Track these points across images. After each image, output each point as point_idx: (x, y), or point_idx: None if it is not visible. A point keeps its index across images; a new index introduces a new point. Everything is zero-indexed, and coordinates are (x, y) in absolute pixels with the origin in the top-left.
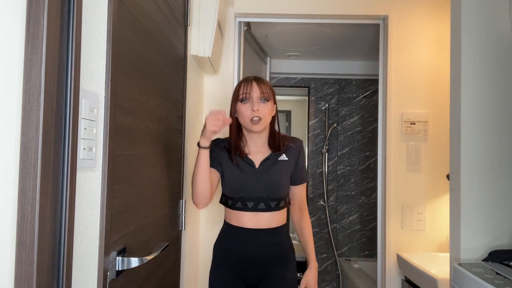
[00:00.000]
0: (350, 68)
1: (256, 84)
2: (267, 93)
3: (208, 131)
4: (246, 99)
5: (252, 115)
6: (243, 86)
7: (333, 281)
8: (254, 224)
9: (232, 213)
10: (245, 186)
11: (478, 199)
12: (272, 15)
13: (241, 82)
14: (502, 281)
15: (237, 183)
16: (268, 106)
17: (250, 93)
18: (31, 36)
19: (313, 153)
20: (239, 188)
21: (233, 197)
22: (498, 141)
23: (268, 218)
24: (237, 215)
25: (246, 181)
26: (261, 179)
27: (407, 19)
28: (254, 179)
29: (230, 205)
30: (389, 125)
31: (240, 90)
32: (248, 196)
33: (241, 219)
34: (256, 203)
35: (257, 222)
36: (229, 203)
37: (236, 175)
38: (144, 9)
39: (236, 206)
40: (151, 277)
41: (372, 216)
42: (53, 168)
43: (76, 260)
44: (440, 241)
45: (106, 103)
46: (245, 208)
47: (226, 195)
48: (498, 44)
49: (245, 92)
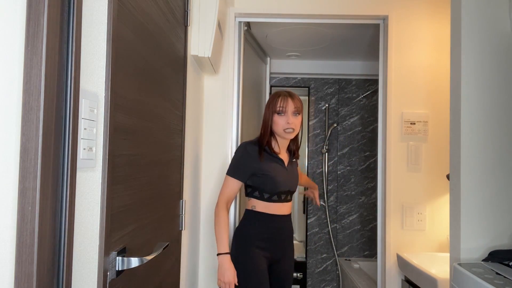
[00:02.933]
0: (350, 68)
1: (291, 99)
2: (299, 108)
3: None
4: (282, 112)
5: (287, 126)
6: (280, 100)
7: (333, 281)
8: (280, 211)
9: (264, 204)
10: (285, 181)
11: (478, 199)
12: (272, 15)
13: (278, 96)
14: (502, 281)
15: (281, 179)
16: (299, 119)
17: (286, 107)
18: (31, 36)
19: (313, 153)
20: (281, 184)
21: (273, 192)
22: (498, 141)
23: (288, 206)
24: (269, 205)
25: (286, 177)
26: (290, 176)
27: (407, 19)
28: (287, 176)
29: (266, 198)
30: (389, 125)
31: (277, 104)
32: (284, 190)
33: (271, 208)
34: (286, 195)
35: (281, 209)
36: (265, 197)
37: (280, 173)
38: (144, 9)
39: (272, 199)
40: (151, 277)
41: (372, 216)
42: (53, 168)
43: (76, 260)
44: (440, 241)
45: (106, 103)
46: (279, 199)
47: (263, 190)
48: (498, 44)
49: (282, 106)
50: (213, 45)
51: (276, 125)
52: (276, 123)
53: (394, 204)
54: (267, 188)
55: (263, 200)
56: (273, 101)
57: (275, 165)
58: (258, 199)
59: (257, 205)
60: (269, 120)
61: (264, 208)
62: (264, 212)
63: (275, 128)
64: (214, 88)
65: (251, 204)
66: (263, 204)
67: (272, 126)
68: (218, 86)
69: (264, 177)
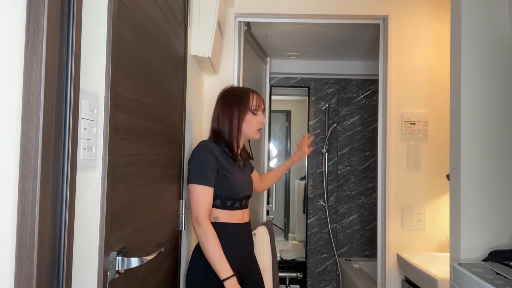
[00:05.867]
0: (350, 68)
1: (261, 97)
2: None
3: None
4: (256, 110)
5: (260, 126)
6: (255, 98)
7: (333, 281)
8: (243, 219)
9: (228, 213)
10: (246, 186)
11: (478, 199)
12: (272, 15)
13: (251, 93)
14: (502, 281)
15: (242, 184)
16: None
17: (260, 106)
18: (31, 36)
19: (313, 153)
20: (243, 189)
21: (235, 198)
22: (498, 141)
23: (248, 212)
24: (232, 214)
25: (243, 180)
26: (247, 178)
27: (407, 19)
28: (244, 178)
29: (228, 206)
30: (389, 125)
31: (253, 102)
32: (246, 195)
33: (235, 216)
34: (246, 201)
35: (244, 217)
36: (228, 204)
37: (241, 177)
38: (144, 9)
39: (235, 206)
40: (151, 277)
41: (372, 216)
42: (53, 168)
43: (76, 260)
44: (440, 241)
45: (106, 103)
46: (241, 206)
47: (226, 196)
48: (498, 44)
49: (257, 104)
50: (213, 45)
51: (249, 125)
52: (249, 123)
53: (394, 204)
54: (229, 193)
55: (226, 209)
56: (245, 99)
57: (234, 168)
58: (220, 208)
59: (220, 216)
60: (238, 119)
61: (228, 217)
62: (230, 223)
63: (246, 127)
64: (214, 88)
65: (213, 216)
66: (226, 213)
67: (241, 126)
68: (218, 86)
69: (226, 181)
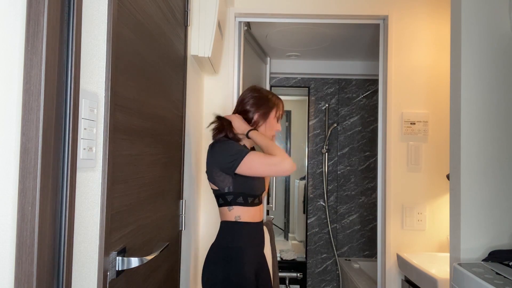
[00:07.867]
0: (350, 68)
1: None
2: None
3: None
4: (279, 119)
5: (274, 133)
6: (282, 108)
7: (333, 281)
8: (260, 217)
9: (249, 211)
10: (261, 180)
11: (478, 199)
12: (272, 15)
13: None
14: (502, 281)
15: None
16: None
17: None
18: (31, 36)
19: (313, 153)
20: (261, 183)
21: (255, 194)
22: (498, 141)
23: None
24: (253, 212)
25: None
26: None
27: (407, 19)
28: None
29: (250, 203)
30: (389, 125)
31: (280, 111)
32: (262, 191)
33: (253, 214)
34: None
35: (260, 214)
36: (249, 201)
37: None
38: (144, 9)
39: (255, 202)
40: (151, 277)
41: (372, 216)
42: (53, 168)
43: (76, 260)
44: (440, 241)
45: (106, 103)
46: (259, 202)
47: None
48: (498, 44)
49: (282, 113)
50: (213, 45)
51: (270, 129)
52: (271, 127)
53: (394, 204)
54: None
55: (248, 205)
56: (279, 106)
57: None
58: (243, 205)
59: (242, 215)
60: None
61: (249, 216)
62: (250, 222)
63: (268, 130)
64: (214, 88)
65: (234, 215)
66: (247, 211)
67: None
68: (218, 86)
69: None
